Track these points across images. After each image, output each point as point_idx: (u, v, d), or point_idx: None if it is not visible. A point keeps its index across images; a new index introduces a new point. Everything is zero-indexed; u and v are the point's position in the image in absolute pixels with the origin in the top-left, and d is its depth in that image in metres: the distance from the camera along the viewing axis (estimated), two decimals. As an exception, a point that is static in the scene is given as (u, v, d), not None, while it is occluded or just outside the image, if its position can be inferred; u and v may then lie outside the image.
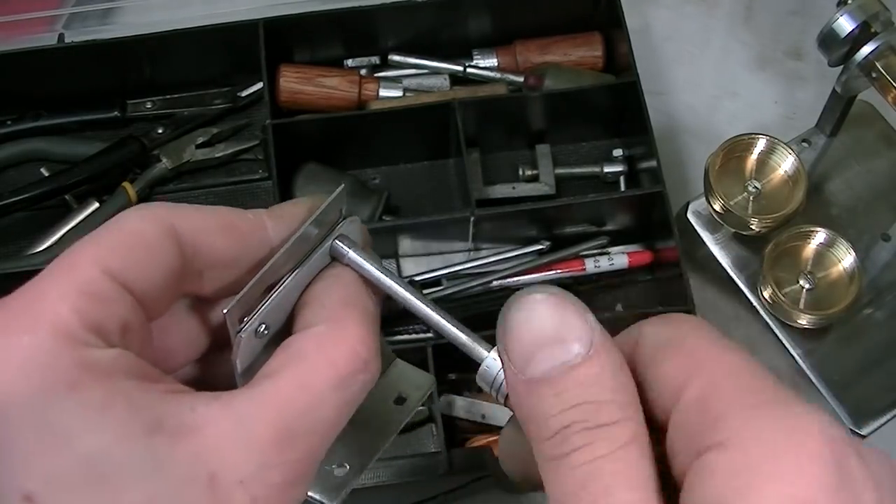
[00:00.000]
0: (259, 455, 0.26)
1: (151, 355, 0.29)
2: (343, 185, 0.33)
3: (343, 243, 0.32)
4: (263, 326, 0.30)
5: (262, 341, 0.31)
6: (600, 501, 0.25)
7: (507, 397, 0.29)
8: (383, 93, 0.78)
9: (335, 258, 0.32)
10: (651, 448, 0.26)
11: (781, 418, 0.25)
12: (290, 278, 0.31)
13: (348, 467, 0.33)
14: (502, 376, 0.28)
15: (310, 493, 0.33)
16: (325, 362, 0.28)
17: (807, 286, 0.68)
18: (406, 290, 0.31)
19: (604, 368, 0.27)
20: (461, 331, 0.30)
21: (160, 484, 0.24)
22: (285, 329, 0.31)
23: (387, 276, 0.31)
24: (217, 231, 0.30)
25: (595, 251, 0.74)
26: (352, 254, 0.32)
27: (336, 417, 0.29)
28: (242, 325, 0.30)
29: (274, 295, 0.31)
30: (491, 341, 0.29)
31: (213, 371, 0.33)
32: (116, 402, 0.25)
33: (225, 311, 0.29)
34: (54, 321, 0.25)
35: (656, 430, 0.27)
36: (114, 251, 0.27)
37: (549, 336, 0.27)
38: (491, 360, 0.29)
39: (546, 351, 0.27)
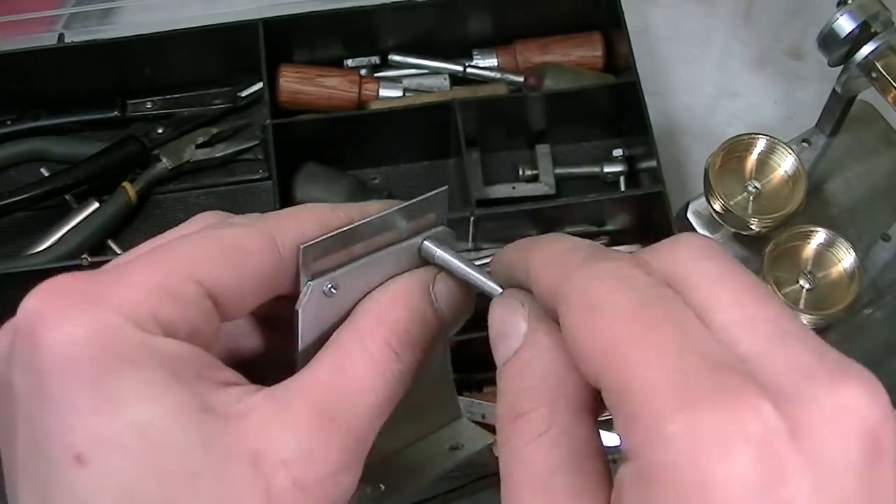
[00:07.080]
0: (302, 436, 0.27)
1: (216, 348, 0.29)
2: (447, 186, 0.34)
3: (433, 244, 0.33)
4: (330, 286, 0.30)
5: (327, 306, 0.31)
6: (511, 501, 0.26)
7: None
8: (383, 93, 0.78)
9: (426, 258, 0.33)
10: (578, 431, 0.26)
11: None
12: (371, 257, 0.32)
13: (382, 488, 0.34)
14: None
15: None
16: (358, 349, 0.29)
17: (807, 286, 0.67)
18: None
19: (532, 358, 0.28)
20: None
21: (206, 459, 0.25)
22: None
23: (473, 270, 0.32)
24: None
25: (595, 251, 0.74)
26: (440, 252, 0.32)
27: (377, 405, 0.29)
28: (315, 276, 0.30)
29: (353, 263, 0.31)
30: None
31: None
32: (172, 384, 0.26)
33: (302, 245, 0.29)
34: (129, 308, 0.26)
35: None
36: (210, 259, 0.28)
37: (496, 332, 0.30)
38: None
39: (498, 346, 0.29)
